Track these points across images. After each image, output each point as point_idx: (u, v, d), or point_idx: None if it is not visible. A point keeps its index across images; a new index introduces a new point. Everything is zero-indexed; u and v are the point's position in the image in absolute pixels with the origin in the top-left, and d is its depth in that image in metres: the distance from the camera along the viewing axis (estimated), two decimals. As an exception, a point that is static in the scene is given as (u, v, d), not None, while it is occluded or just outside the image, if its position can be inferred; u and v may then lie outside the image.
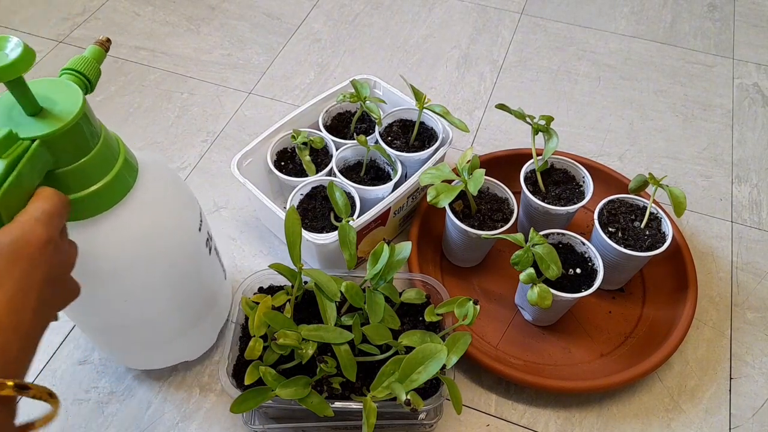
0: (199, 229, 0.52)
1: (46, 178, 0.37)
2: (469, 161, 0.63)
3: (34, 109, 0.36)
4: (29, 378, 0.46)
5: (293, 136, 0.72)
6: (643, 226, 0.65)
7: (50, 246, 0.33)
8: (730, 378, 0.64)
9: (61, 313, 0.39)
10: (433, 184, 0.62)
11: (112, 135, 0.43)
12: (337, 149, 0.71)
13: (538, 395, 0.63)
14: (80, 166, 0.39)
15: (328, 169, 0.70)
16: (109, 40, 0.45)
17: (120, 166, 0.42)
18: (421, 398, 0.48)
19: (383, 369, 0.48)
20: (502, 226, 0.64)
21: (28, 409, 0.33)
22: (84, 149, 0.39)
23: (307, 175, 0.69)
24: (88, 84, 0.41)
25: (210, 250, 0.55)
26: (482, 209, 0.67)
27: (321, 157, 0.72)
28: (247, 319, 0.55)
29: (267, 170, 0.71)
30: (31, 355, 0.32)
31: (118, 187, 0.43)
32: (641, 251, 0.62)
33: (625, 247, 0.62)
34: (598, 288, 0.60)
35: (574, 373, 0.63)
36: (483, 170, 0.62)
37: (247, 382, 0.50)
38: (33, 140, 0.35)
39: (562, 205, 0.67)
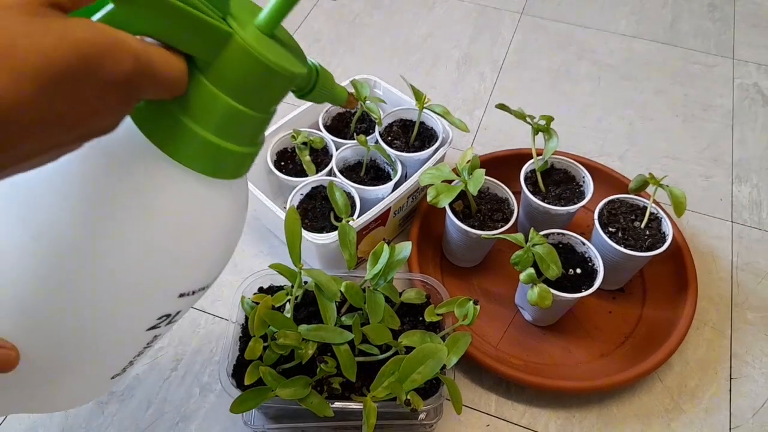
0: (180, 295, 0.32)
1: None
2: (469, 161, 0.63)
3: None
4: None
5: (293, 136, 0.72)
6: (643, 226, 0.65)
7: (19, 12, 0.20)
8: (730, 378, 0.64)
9: None
10: (433, 184, 0.62)
11: None
12: (337, 149, 0.71)
13: (538, 395, 0.63)
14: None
15: (328, 169, 0.70)
16: None
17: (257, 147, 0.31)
18: (421, 398, 0.48)
19: (383, 369, 0.48)
20: (502, 226, 0.64)
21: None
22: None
23: (307, 175, 0.69)
24: None
25: (153, 337, 0.35)
26: (482, 209, 0.67)
27: (321, 157, 0.72)
28: (247, 319, 0.55)
29: (267, 170, 0.71)
30: None
31: (240, 165, 0.30)
32: (641, 251, 0.62)
33: (625, 247, 0.62)
34: (598, 288, 0.60)
35: (574, 373, 0.63)
36: (483, 170, 0.62)
37: (247, 382, 0.50)
38: None
39: (562, 205, 0.67)
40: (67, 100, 0.22)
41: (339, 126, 0.77)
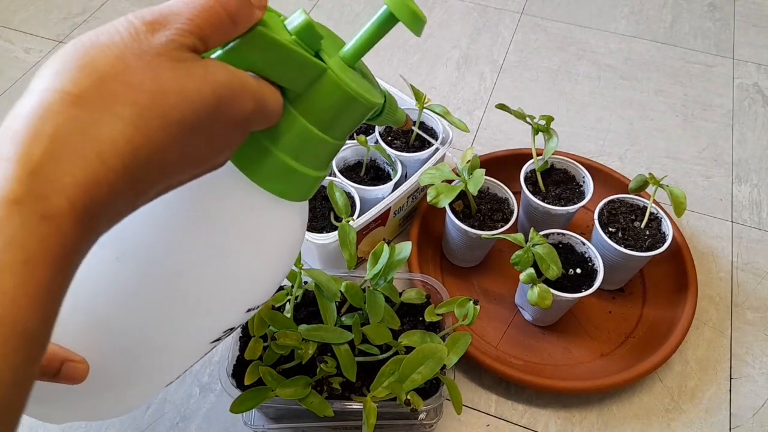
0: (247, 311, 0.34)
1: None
2: (469, 161, 0.63)
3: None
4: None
5: (293, 136, 0.72)
6: (643, 226, 0.65)
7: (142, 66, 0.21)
8: (730, 378, 0.64)
9: None
10: (433, 184, 0.62)
11: None
12: (337, 149, 0.71)
13: (538, 395, 0.63)
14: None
15: (328, 169, 0.70)
16: None
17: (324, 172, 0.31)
18: (421, 398, 0.48)
19: (383, 369, 0.48)
20: (502, 226, 0.64)
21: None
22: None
23: (307, 175, 0.69)
24: None
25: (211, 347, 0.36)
26: (482, 209, 0.67)
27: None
28: (247, 319, 0.55)
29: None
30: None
31: (311, 188, 0.31)
32: (641, 251, 0.62)
33: (625, 247, 0.62)
34: (598, 288, 0.60)
35: (574, 373, 0.63)
36: (483, 170, 0.62)
37: (247, 382, 0.50)
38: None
39: (562, 205, 0.67)
40: (203, 141, 0.23)
41: (339, 126, 0.77)
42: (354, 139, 0.72)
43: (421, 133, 0.71)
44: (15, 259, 0.17)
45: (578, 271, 0.63)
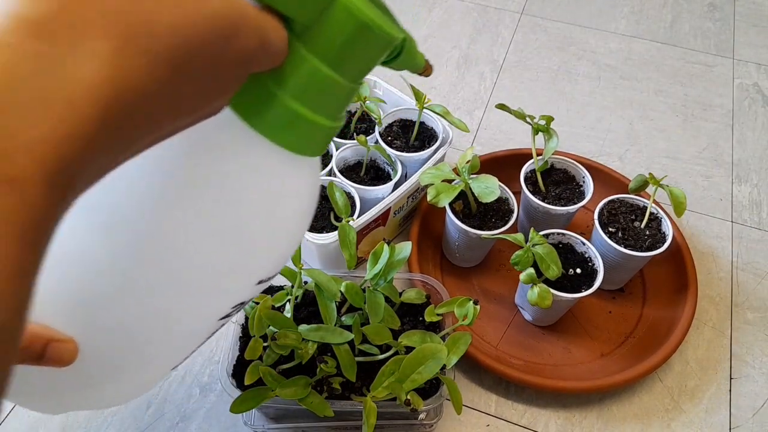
0: (258, 282, 0.30)
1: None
2: (469, 161, 0.63)
3: None
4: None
5: (293, 136, 0.72)
6: (643, 226, 0.65)
7: None
8: (730, 378, 0.64)
9: None
10: (433, 184, 0.62)
11: None
12: (337, 149, 0.71)
13: (538, 395, 0.63)
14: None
15: (328, 169, 0.70)
16: None
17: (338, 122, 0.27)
18: (421, 398, 0.48)
19: (383, 369, 0.48)
20: (502, 226, 0.64)
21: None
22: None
23: (307, 175, 0.69)
24: None
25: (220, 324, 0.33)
26: (482, 209, 0.67)
27: (321, 157, 0.72)
28: (247, 319, 0.55)
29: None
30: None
31: (324, 141, 0.27)
32: (641, 251, 0.62)
33: (625, 247, 0.62)
34: (598, 288, 0.60)
35: (574, 373, 0.63)
36: (495, 179, 0.60)
37: (247, 382, 0.50)
38: None
39: (562, 205, 0.67)
40: (196, 82, 0.19)
41: (339, 126, 0.77)
42: (354, 139, 0.72)
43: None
44: None
45: (578, 271, 0.63)
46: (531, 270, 0.58)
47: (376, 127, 0.73)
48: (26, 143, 0.15)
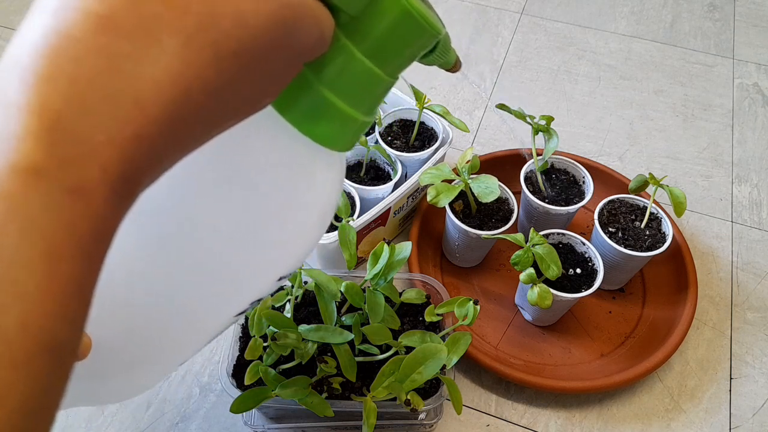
0: (279, 279, 0.30)
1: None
2: (468, 161, 0.63)
3: None
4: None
5: (293, 136, 0.72)
6: (643, 226, 0.65)
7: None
8: (730, 378, 0.64)
9: None
10: (433, 184, 0.62)
11: None
12: (337, 149, 0.71)
13: (538, 395, 0.63)
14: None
15: (328, 169, 0.69)
16: None
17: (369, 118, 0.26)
18: (421, 398, 0.48)
19: (383, 369, 0.48)
20: (502, 226, 0.64)
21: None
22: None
23: (307, 175, 0.69)
24: None
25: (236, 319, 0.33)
26: (482, 209, 0.67)
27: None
28: (247, 319, 0.55)
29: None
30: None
31: (355, 136, 0.26)
32: (641, 251, 0.62)
33: (625, 247, 0.62)
34: (598, 288, 0.60)
35: (574, 373, 0.63)
36: (495, 179, 0.61)
37: (247, 382, 0.50)
38: None
39: (562, 205, 0.67)
40: (258, 77, 0.18)
41: (339, 126, 0.77)
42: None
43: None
44: (35, 252, 0.13)
45: (578, 271, 0.63)
46: (531, 270, 0.58)
47: (376, 127, 0.73)
48: (93, 148, 0.14)
